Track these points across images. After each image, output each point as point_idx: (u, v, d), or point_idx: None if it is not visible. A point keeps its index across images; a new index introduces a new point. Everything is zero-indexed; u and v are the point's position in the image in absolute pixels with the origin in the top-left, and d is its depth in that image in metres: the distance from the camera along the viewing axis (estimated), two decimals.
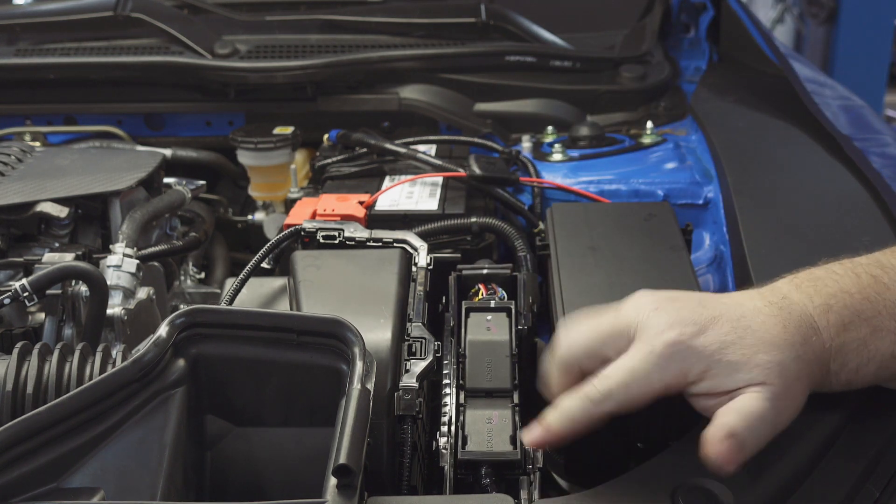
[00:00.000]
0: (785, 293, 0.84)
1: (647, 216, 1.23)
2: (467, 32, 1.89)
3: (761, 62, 1.86)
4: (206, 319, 0.86)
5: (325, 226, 1.19)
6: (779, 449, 0.79)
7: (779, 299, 0.83)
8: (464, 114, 1.77)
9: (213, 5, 2.00)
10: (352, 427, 0.75)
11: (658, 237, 1.15)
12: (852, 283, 0.84)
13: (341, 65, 1.75)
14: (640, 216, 1.23)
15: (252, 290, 1.13)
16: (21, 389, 0.90)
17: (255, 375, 0.87)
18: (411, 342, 0.97)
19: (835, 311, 0.82)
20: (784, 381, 0.78)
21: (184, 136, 1.86)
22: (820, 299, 0.83)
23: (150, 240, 1.39)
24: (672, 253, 1.13)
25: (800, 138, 1.50)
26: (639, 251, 1.11)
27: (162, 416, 0.83)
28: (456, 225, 1.28)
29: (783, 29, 4.94)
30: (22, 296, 1.06)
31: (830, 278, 0.85)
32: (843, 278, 0.85)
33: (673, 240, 1.14)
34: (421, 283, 1.07)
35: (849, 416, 0.85)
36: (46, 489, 0.77)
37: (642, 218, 1.22)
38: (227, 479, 0.89)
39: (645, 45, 1.88)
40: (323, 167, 1.52)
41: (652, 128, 1.64)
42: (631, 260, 1.09)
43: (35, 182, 1.30)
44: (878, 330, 0.82)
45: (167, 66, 1.76)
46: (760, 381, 0.77)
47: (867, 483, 0.79)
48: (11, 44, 1.93)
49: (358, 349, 0.82)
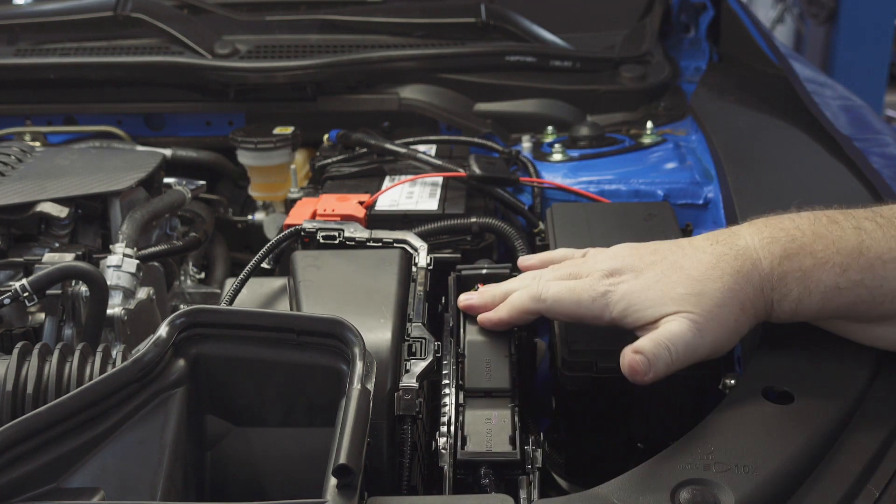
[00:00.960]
0: (736, 231, 0.93)
1: (647, 216, 1.23)
2: (467, 32, 1.89)
3: (761, 62, 1.86)
4: (206, 319, 0.86)
5: (325, 226, 1.19)
6: (779, 449, 0.79)
7: (726, 237, 0.92)
8: (464, 114, 1.77)
9: (213, 5, 2.00)
10: (352, 427, 0.75)
11: (658, 237, 1.14)
12: (807, 223, 0.91)
13: (341, 65, 1.75)
14: (640, 216, 1.23)
15: (252, 290, 1.13)
16: (21, 389, 0.90)
17: (255, 375, 0.87)
18: (411, 342, 0.97)
19: (780, 243, 0.89)
20: (703, 308, 0.88)
21: (184, 136, 1.86)
22: (768, 233, 0.91)
23: (150, 240, 1.39)
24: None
25: (800, 138, 1.50)
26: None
27: (162, 416, 0.83)
28: (456, 225, 1.28)
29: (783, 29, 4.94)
30: (22, 296, 1.06)
31: (789, 218, 0.92)
32: (801, 219, 0.91)
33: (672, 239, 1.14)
34: (421, 284, 1.07)
35: (849, 416, 0.85)
36: (46, 489, 0.77)
37: (642, 218, 1.23)
38: (227, 479, 0.89)
39: (645, 45, 1.88)
40: (323, 167, 1.52)
41: (652, 128, 1.64)
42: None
43: (35, 182, 1.30)
44: (823, 262, 0.87)
45: (167, 66, 1.76)
46: (674, 311, 0.89)
47: (867, 483, 0.79)
48: (11, 44, 1.93)
49: (358, 349, 0.82)
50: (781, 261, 0.88)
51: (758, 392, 0.85)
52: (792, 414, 0.83)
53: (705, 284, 0.89)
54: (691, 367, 0.96)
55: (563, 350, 0.99)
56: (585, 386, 0.98)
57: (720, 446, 0.80)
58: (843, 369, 0.89)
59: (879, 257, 0.86)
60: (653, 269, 0.93)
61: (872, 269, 0.86)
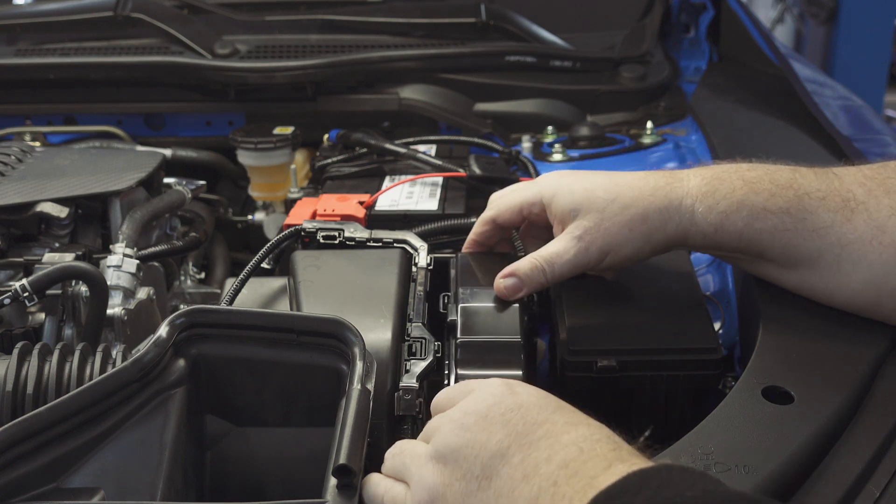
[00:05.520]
0: (682, 171, 0.98)
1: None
2: (467, 32, 1.88)
3: (761, 62, 1.86)
4: (206, 319, 0.86)
5: (325, 226, 1.19)
6: (779, 449, 0.79)
7: (668, 172, 0.98)
8: (464, 114, 1.77)
9: (213, 5, 1.99)
10: (352, 427, 0.75)
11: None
12: (748, 164, 0.97)
13: (341, 65, 1.75)
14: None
15: (252, 290, 1.13)
16: (21, 389, 0.90)
17: (255, 375, 0.87)
18: (411, 342, 0.97)
19: (715, 170, 0.95)
20: (591, 221, 0.96)
21: (184, 136, 1.86)
22: (705, 167, 0.97)
23: (151, 240, 1.39)
24: (671, 252, 1.13)
25: (800, 138, 1.50)
26: None
27: (162, 416, 0.83)
28: (456, 225, 1.28)
29: (783, 29, 4.93)
30: (22, 296, 1.06)
31: (735, 163, 0.98)
32: (745, 163, 0.97)
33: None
34: (421, 283, 1.07)
35: (849, 416, 0.85)
36: (46, 489, 0.77)
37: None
38: (227, 479, 0.89)
39: (645, 45, 1.88)
40: (323, 167, 1.52)
41: (652, 128, 1.64)
42: None
43: (35, 182, 1.30)
44: (753, 185, 0.93)
45: (167, 66, 1.76)
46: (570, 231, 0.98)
47: (867, 483, 0.79)
48: (11, 44, 1.93)
49: (358, 349, 0.82)
50: (711, 179, 0.94)
51: (757, 392, 0.85)
52: (792, 414, 0.83)
53: (609, 204, 0.96)
54: (691, 367, 0.96)
55: (563, 350, 0.99)
56: (585, 386, 0.98)
57: (720, 446, 0.79)
58: (843, 369, 0.89)
59: (808, 193, 0.91)
60: (586, 209, 0.98)
61: (800, 200, 0.91)
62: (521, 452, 0.69)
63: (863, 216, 0.89)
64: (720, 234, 0.93)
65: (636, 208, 0.95)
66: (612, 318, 1.03)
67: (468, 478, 0.71)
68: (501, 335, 0.97)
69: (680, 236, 0.96)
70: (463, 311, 0.99)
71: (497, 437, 0.71)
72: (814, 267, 0.92)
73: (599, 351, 0.97)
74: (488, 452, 0.70)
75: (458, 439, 0.73)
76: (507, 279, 0.99)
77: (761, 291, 0.99)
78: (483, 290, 1.02)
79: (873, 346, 0.91)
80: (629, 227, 0.95)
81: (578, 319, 1.02)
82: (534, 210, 1.04)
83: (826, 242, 0.90)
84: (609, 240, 0.96)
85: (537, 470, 0.67)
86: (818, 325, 0.94)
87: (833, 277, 0.91)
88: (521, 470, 0.68)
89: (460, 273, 1.07)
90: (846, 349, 0.91)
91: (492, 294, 1.01)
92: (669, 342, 0.99)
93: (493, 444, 0.71)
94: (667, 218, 0.95)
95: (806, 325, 0.94)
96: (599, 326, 1.01)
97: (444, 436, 0.74)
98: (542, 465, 0.67)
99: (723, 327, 1.14)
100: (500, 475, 0.69)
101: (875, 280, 0.89)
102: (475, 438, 0.72)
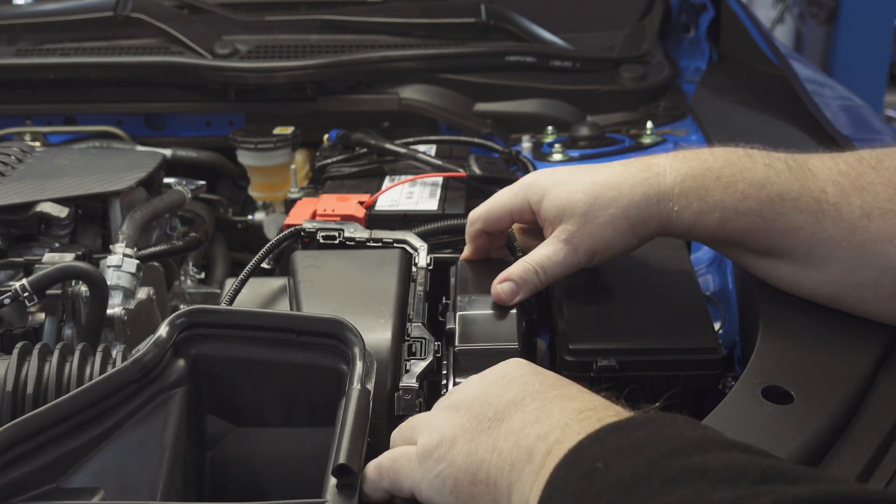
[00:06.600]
0: (656, 156, 0.99)
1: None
2: (467, 32, 1.88)
3: (761, 62, 1.86)
4: (206, 320, 0.86)
5: (325, 226, 1.19)
6: (779, 449, 0.79)
7: (645, 158, 0.99)
8: (464, 114, 1.77)
9: (213, 5, 1.99)
10: (352, 427, 0.75)
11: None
12: (722, 152, 0.97)
13: (341, 65, 1.75)
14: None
15: (252, 290, 1.13)
16: (21, 389, 0.90)
17: (255, 375, 0.87)
18: (411, 342, 0.98)
19: (689, 163, 0.96)
20: (575, 225, 0.97)
21: (184, 136, 1.86)
22: (683, 156, 0.97)
23: (151, 240, 1.39)
24: (672, 252, 1.13)
25: (800, 138, 1.50)
26: (638, 251, 1.11)
27: (162, 417, 0.83)
28: (456, 225, 1.28)
29: (783, 29, 4.93)
30: (22, 296, 1.06)
31: (708, 150, 0.98)
32: (719, 150, 0.98)
33: (672, 240, 1.14)
34: (421, 283, 1.07)
35: (848, 416, 0.85)
36: (46, 489, 0.77)
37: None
38: (227, 479, 0.89)
39: (645, 45, 1.88)
40: (323, 167, 1.52)
41: (652, 128, 1.64)
42: (630, 259, 1.09)
43: (35, 182, 1.30)
44: (726, 185, 0.93)
45: (167, 67, 1.76)
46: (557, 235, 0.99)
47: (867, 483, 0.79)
48: (11, 44, 1.93)
49: (358, 349, 0.82)
50: (685, 178, 0.95)
51: (757, 392, 0.85)
52: (792, 414, 0.83)
53: (592, 204, 0.97)
54: (691, 366, 0.96)
55: (562, 350, 0.99)
56: (585, 386, 0.98)
57: None
58: (843, 369, 0.89)
59: (780, 194, 0.92)
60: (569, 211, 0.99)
61: (771, 202, 0.92)
62: (535, 402, 0.72)
63: (833, 218, 0.91)
64: (695, 231, 0.97)
65: (616, 208, 0.97)
66: (611, 318, 1.03)
67: (480, 419, 0.73)
68: (499, 342, 0.97)
69: (663, 228, 0.98)
70: (461, 320, 0.99)
71: (513, 391, 0.74)
72: (783, 260, 0.95)
73: (599, 351, 0.97)
74: (503, 401, 0.73)
75: (474, 390, 0.76)
76: (504, 284, 1.00)
77: (761, 291, 0.99)
78: (481, 297, 1.03)
79: (873, 346, 0.91)
80: (612, 227, 0.97)
81: (578, 319, 1.02)
82: (524, 217, 1.06)
83: (797, 241, 0.93)
84: (595, 241, 0.98)
85: (550, 415, 0.70)
86: (818, 325, 0.94)
87: (802, 272, 0.95)
88: (533, 414, 0.71)
89: (459, 281, 1.07)
90: (846, 349, 0.91)
91: (490, 301, 1.02)
92: (669, 342, 0.98)
93: (509, 396, 0.74)
94: (647, 214, 0.97)
95: (806, 325, 0.94)
96: (599, 326, 1.01)
97: (460, 389, 0.79)
98: (555, 412, 0.70)
99: (723, 327, 1.14)
100: (512, 418, 0.72)
101: (841, 277, 0.92)
102: (491, 390, 0.75)
